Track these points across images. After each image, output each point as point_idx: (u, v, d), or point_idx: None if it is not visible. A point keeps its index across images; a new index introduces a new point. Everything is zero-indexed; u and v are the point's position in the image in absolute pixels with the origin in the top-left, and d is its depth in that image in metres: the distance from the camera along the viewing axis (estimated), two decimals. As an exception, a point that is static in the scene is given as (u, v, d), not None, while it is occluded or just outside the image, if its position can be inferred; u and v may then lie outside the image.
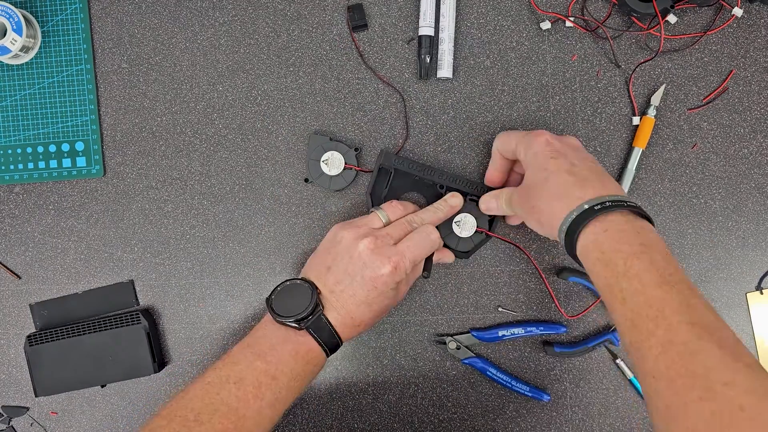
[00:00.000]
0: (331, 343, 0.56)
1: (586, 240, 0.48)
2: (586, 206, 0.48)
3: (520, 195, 0.55)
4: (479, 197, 0.61)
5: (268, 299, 0.56)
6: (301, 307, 0.54)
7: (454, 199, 0.61)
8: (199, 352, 0.66)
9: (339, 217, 0.66)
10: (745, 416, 0.36)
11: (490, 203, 0.60)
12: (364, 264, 0.55)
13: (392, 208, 0.60)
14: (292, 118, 0.66)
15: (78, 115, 0.66)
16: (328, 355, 0.56)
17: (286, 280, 0.57)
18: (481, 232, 0.62)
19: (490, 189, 0.61)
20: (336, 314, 0.56)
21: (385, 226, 0.59)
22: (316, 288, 0.56)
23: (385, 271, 0.54)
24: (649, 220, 0.48)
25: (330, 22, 0.65)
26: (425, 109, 0.65)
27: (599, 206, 0.47)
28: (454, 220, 0.62)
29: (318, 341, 0.55)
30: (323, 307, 0.55)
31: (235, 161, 0.66)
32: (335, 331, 0.56)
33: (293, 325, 0.54)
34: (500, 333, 0.64)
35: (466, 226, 0.62)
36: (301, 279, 0.57)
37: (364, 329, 0.58)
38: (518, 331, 0.64)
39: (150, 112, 0.66)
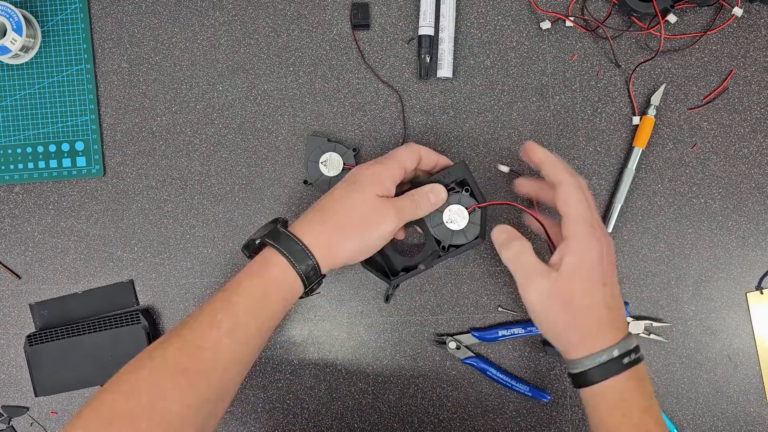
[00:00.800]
0: (288, 245, 0.50)
1: (608, 384, 0.50)
2: (616, 353, 0.50)
3: (554, 295, 0.51)
4: (458, 186, 0.58)
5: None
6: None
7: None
8: (199, 351, 0.66)
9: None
10: None
11: (500, 237, 0.55)
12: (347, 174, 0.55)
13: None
14: (292, 117, 0.66)
15: (78, 114, 0.66)
16: (294, 267, 0.50)
17: None
18: (477, 209, 0.58)
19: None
20: (301, 219, 0.52)
21: None
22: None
23: (365, 165, 0.54)
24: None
25: (330, 21, 0.65)
26: (425, 109, 0.65)
27: (628, 360, 0.50)
28: (444, 219, 0.57)
29: (273, 245, 0.50)
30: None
31: (235, 161, 0.66)
32: (293, 234, 0.50)
33: (255, 238, 0.52)
34: (500, 333, 0.64)
35: (457, 218, 0.57)
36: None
37: (337, 236, 0.51)
38: (518, 330, 0.64)
39: (150, 111, 0.66)
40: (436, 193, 0.56)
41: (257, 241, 0.52)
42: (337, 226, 0.52)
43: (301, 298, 0.53)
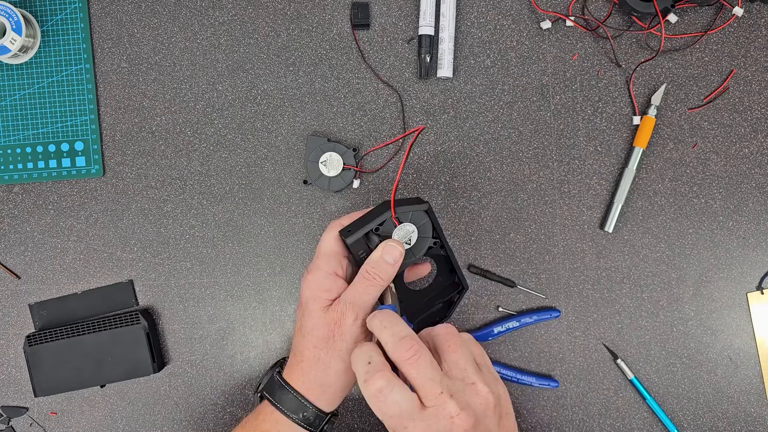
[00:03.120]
0: (282, 396, 0.50)
1: None
2: None
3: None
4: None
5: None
6: None
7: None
8: (199, 352, 0.66)
9: (339, 217, 0.65)
10: None
11: (360, 367, 0.44)
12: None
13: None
14: (291, 117, 0.66)
15: (77, 114, 0.65)
16: (290, 417, 0.50)
17: None
18: (428, 238, 0.54)
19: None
20: (288, 364, 0.52)
21: None
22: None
23: (303, 277, 0.52)
24: None
25: (330, 21, 0.65)
26: (425, 109, 0.65)
27: None
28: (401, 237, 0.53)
29: (268, 399, 0.51)
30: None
31: (235, 161, 0.66)
32: (287, 383, 0.50)
33: (257, 387, 0.53)
34: (495, 330, 0.64)
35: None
36: None
37: (319, 372, 0.49)
38: (512, 324, 0.64)
39: (149, 111, 0.66)
40: (390, 251, 0.50)
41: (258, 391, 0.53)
42: (313, 362, 0.50)
43: None
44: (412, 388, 0.42)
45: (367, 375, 0.42)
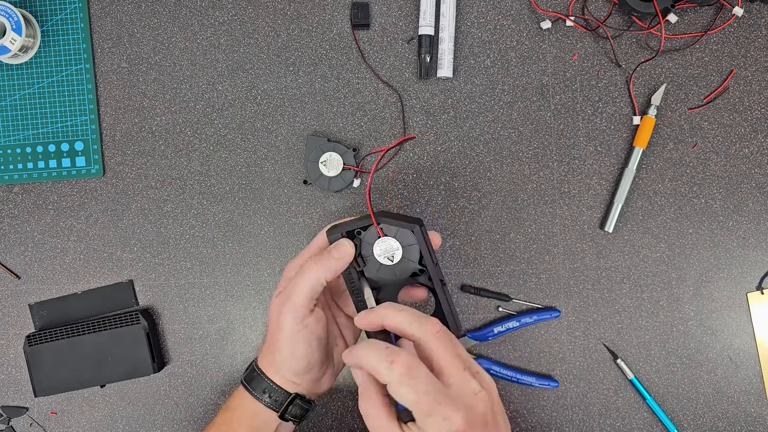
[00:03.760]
0: (248, 374, 0.54)
1: None
2: None
3: None
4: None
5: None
6: None
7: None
8: (199, 352, 0.66)
9: (339, 217, 0.65)
10: None
11: (356, 377, 0.44)
12: None
13: None
14: (291, 117, 0.66)
15: (77, 114, 0.65)
16: (252, 394, 0.53)
17: None
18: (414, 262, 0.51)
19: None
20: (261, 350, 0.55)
21: None
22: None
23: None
24: None
25: (330, 21, 0.65)
26: (425, 109, 0.65)
27: None
28: (376, 252, 0.50)
29: (241, 381, 0.55)
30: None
31: (235, 161, 0.66)
32: (255, 365, 0.54)
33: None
34: (495, 330, 0.64)
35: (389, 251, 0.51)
36: None
37: (277, 356, 0.52)
38: (512, 324, 0.64)
39: (149, 111, 0.66)
40: (337, 247, 0.51)
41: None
42: (268, 344, 0.53)
43: (295, 422, 0.54)
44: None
45: (392, 356, 0.41)
